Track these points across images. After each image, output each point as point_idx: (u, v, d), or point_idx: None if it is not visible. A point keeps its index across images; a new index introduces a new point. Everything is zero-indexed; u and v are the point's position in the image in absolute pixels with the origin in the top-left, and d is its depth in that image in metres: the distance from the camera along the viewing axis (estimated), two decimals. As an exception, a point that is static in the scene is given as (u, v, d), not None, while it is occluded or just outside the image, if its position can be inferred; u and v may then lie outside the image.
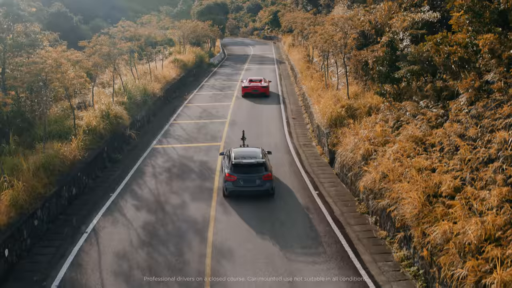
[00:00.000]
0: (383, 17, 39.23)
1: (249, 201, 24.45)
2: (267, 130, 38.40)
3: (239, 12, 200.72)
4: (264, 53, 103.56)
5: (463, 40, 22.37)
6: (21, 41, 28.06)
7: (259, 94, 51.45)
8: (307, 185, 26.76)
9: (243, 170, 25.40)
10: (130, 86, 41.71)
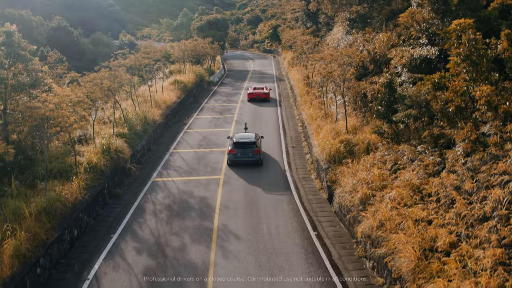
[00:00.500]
0: (382, 48, 39.59)
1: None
2: (266, 160, 38.63)
3: (239, 24, 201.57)
4: (264, 68, 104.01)
5: (460, 88, 22.66)
6: (23, 81, 28.29)
7: (261, 99, 62.98)
8: (306, 225, 26.96)
9: (240, 146, 36.90)
10: (130, 115, 42.06)
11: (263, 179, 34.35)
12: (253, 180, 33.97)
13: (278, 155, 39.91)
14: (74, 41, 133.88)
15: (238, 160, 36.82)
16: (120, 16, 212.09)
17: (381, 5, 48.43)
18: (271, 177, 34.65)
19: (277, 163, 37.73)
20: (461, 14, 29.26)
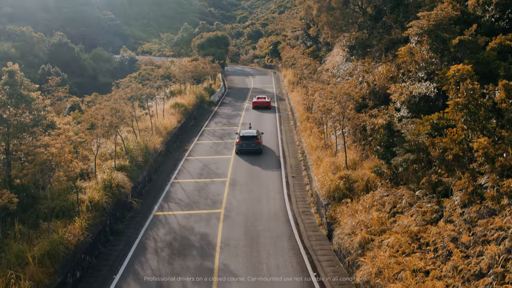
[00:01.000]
0: (382, 80, 39.97)
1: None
2: (266, 191, 38.92)
3: (240, 38, 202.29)
4: (265, 86, 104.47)
5: (458, 136, 22.99)
6: (25, 121, 28.62)
7: (264, 107, 75.63)
8: (306, 266, 27.17)
9: (245, 139, 49.44)
10: (131, 145, 42.37)
11: (264, 212, 34.62)
12: (253, 214, 34.24)
13: (278, 186, 40.15)
14: (75, 57, 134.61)
15: (244, 149, 49.20)
16: (120, 30, 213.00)
17: (380, 34, 48.86)
18: (271, 211, 34.88)
19: (278, 196, 37.94)
20: (460, 55, 29.61)
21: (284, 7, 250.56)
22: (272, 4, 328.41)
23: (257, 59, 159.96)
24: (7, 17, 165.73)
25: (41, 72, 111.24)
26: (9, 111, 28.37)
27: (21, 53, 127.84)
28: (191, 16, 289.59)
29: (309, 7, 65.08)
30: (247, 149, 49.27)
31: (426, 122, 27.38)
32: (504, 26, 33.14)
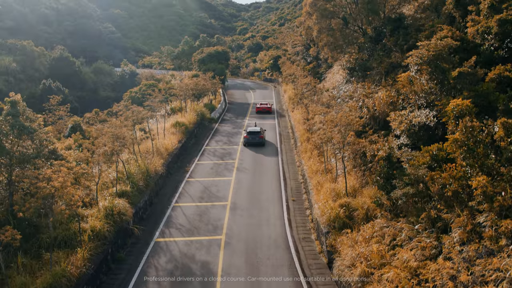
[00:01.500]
0: (382, 106, 40.22)
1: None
2: (267, 216, 39.04)
3: (240, 51, 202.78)
4: (265, 101, 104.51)
5: (457, 172, 23.21)
6: (28, 152, 28.84)
7: (266, 111, 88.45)
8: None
9: (251, 134, 62.13)
10: (133, 169, 42.54)
11: (264, 239, 34.76)
12: (254, 240, 34.38)
13: (279, 211, 40.25)
14: (76, 71, 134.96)
15: (250, 142, 62.07)
16: (121, 43, 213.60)
17: (380, 57, 49.17)
18: (271, 238, 35.02)
19: (278, 222, 38.04)
20: (459, 87, 29.88)
21: (284, 19, 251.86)
22: (272, 15, 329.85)
23: (257, 72, 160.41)
24: (8, 30, 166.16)
25: (42, 87, 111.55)
26: (11, 142, 28.58)
27: (22, 67, 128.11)
28: (191, 28, 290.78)
29: (310, 28, 65.51)
30: (253, 142, 62.08)
31: (425, 153, 27.63)
32: (503, 55, 33.47)
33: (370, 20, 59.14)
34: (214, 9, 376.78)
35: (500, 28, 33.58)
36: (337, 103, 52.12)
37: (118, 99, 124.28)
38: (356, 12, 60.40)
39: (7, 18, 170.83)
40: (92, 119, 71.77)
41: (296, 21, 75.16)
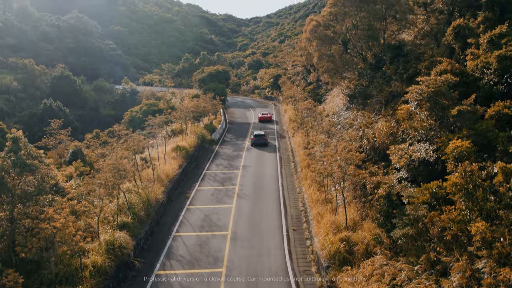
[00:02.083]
0: (382, 136, 40.39)
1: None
2: (267, 247, 39.01)
3: (240, 68, 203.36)
4: (266, 121, 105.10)
5: (457, 216, 23.34)
6: (29, 190, 28.97)
7: (267, 121, 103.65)
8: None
9: (257, 136, 77.96)
10: (133, 198, 42.64)
11: (264, 272, 34.75)
12: (255, 273, 34.35)
13: (279, 241, 40.23)
14: (77, 90, 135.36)
15: (256, 142, 77.99)
16: (122, 60, 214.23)
17: (380, 85, 49.42)
18: (272, 270, 35.01)
19: (278, 253, 38.05)
20: (459, 124, 30.06)
21: (285, 36, 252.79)
22: (272, 31, 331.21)
23: (257, 90, 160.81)
24: (9, 47, 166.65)
25: (42, 106, 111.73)
26: (13, 179, 28.72)
27: (23, 85, 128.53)
28: (192, 44, 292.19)
29: (310, 54, 65.85)
30: (258, 142, 78.04)
31: (425, 190, 27.75)
32: (502, 90, 33.68)
33: (370, 45, 59.47)
34: (215, 25, 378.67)
35: (499, 64, 33.83)
36: (337, 130, 52.33)
37: (119, 117, 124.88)
38: (356, 38, 60.73)
39: (8, 36, 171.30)
40: (92, 142, 71.90)
41: (296, 46, 75.80)
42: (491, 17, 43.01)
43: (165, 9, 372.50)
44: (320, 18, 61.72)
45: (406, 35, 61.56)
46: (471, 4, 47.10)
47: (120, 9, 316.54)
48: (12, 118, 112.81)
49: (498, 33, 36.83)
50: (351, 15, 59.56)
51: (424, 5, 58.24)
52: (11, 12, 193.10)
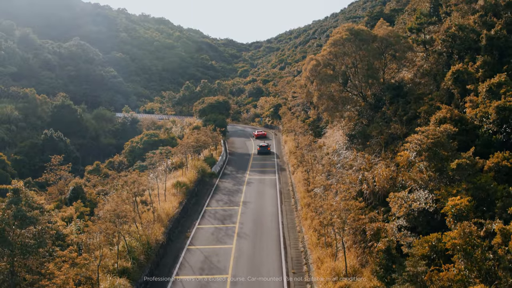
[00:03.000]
0: (382, 181, 40.49)
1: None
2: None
3: (241, 95, 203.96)
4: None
5: (455, 276, 23.40)
6: (29, 243, 29.01)
7: (262, 136, 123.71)
8: None
9: (261, 147, 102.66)
10: (133, 241, 42.64)
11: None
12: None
13: (280, 286, 40.18)
14: (78, 119, 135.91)
15: (261, 151, 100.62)
16: (123, 87, 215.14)
17: (380, 126, 49.64)
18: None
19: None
20: (458, 177, 30.20)
21: (285, 63, 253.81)
22: (273, 56, 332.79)
23: (258, 118, 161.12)
24: (11, 76, 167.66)
25: (43, 137, 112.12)
26: (13, 232, 28.79)
27: (24, 115, 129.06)
28: (192, 70, 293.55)
29: (310, 92, 66.27)
30: (263, 151, 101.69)
31: (424, 243, 27.81)
32: (501, 140, 33.86)
33: (370, 83, 59.84)
34: (215, 50, 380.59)
35: (498, 115, 34.09)
36: (337, 170, 52.45)
37: (120, 146, 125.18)
38: (355, 76, 61.14)
39: (10, 64, 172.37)
40: (93, 178, 72.08)
41: (297, 84, 77.06)
42: (490, 61, 43.38)
43: (166, 34, 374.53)
44: (320, 57, 62.20)
45: (406, 71, 61.97)
46: (470, 47, 47.52)
47: (122, 35, 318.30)
48: (13, 148, 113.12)
49: (497, 82, 37.14)
50: (351, 55, 60.02)
51: (423, 43, 58.77)
52: (13, 40, 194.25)
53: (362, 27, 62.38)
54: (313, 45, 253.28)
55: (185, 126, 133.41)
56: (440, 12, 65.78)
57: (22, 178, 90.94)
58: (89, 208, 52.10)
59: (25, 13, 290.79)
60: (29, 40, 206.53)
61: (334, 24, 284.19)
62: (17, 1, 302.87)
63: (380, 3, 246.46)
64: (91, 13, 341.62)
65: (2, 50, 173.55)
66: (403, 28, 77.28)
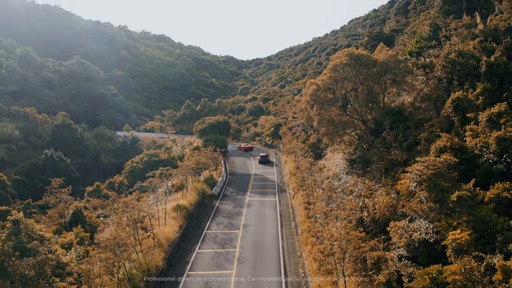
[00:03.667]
0: (382, 209, 40.47)
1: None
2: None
3: (241, 114, 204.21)
4: (266, 171, 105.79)
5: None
6: (29, 275, 29.00)
7: (250, 150, 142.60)
8: None
9: (262, 157, 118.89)
10: (134, 268, 42.54)
11: None
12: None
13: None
14: (78, 138, 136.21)
15: (262, 160, 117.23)
16: (123, 106, 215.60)
17: (380, 152, 49.67)
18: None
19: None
20: (458, 209, 30.21)
21: (285, 81, 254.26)
22: (273, 73, 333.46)
23: (258, 137, 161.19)
24: (12, 94, 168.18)
25: (44, 157, 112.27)
26: (13, 264, 28.79)
27: (25, 134, 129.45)
28: (193, 88, 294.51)
29: (310, 117, 66.39)
30: (264, 160, 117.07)
31: (425, 275, 27.73)
32: (501, 170, 33.90)
33: (370, 107, 59.97)
34: (216, 67, 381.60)
35: (498, 145, 34.16)
36: (337, 195, 52.44)
37: (120, 165, 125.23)
38: (356, 101, 61.30)
39: (11, 82, 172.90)
40: (93, 201, 72.08)
41: (297, 105, 76.91)
42: (489, 88, 43.55)
43: (167, 52, 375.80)
44: (320, 81, 62.38)
45: (406, 95, 62.12)
46: (470, 73, 47.71)
47: (122, 52, 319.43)
48: (13, 168, 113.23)
49: (497, 112, 37.26)
50: (351, 79, 60.23)
51: (423, 67, 58.98)
52: (14, 58, 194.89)
53: (362, 51, 62.68)
54: (313, 63, 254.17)
55: (186, 145, 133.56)
56: (439, 36, 66.12)
57: (22, 198, 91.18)
58: (89, 234, 52.02)
59: (26, 31, 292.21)
60: (30, 58, 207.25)
61: (334, 42, 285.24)
62: (18, 19, 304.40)
63: (380, 21, 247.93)
64: (92, 30, 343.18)
65: (3, 68, 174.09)
66: (403, 50, 77.72)
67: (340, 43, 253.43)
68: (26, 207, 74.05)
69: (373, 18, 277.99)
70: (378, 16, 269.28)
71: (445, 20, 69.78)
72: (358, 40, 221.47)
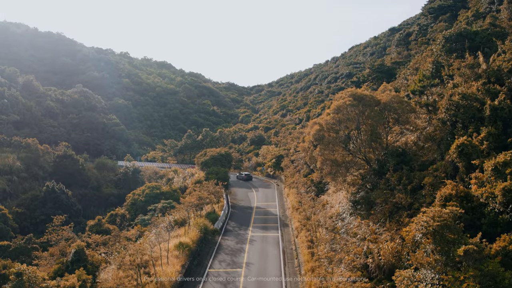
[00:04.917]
0: (387, 255, 40.26)
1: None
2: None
3: (242, 143, 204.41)
4: (268, 203, 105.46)
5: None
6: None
7: (248, 178, 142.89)
8: None
9: (246, 175, 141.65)
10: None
11: None
12: None
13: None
14: (79, 169, 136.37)
15: (242, 179, 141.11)
16: (125, 135, 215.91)
17: (384, 194, 49.53)
18: None
19: None
20: (465, 263, 30.04)
21: (287, 110, 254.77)
22: (274, 101, 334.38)
23: (260, 167, 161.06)
24: (13, 124, 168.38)
25: (45, 189, 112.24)
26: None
27: (26, 165, 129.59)
28: (194, 116, 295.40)
29: (313, 157, 66.40)
30: (244, 178, 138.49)
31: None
32: (508, 220, 33.77)
33: (374, 147, 59.97)
34: (217, 95, 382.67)
35: (504, 196, 34.09)
36: (341, 236, 52.23)
37: (121, 196, 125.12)
38: (359, 140, 61.34)
39: (13, 112, 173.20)
40: (94, 237, 71.82)
41: (300, 148, 77.20)
42: (494, 133, 43.55)
43: (168, 79, 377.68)
44: (323, 122, 62.50)
45: (409, 133, 62.14)
46: (474, 116, 47.75)
47: (124, 81, 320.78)
48: (14, 200, 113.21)
49: (502, 161, 37.21)
50: (354, 119, 60.30)
51: (426, 106, 59.06)
52: (16, 87, 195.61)
53: (365, 92, 62.78)
54: (314, 91, 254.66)
55: (187, 176, 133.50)
56: (442, 74, 66.29)
57: (24, 231, 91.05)
58: (91, 276, 51.69)
59: (29, 58, 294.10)
60: (32, 87, 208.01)
61: (335, 69, 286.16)
62: (21, 47, 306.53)
63: (381, 48, 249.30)
64: (93, 58, 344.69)
65: (5, 98, 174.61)
66: (405, 86, 77.94)
67: (341, 71, 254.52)
68: (27, 243, 73.87)
69: (374, 45, 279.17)
70: (379, 44, 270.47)
71: (448, 58, 69.97)
72: (359, 69, 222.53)
